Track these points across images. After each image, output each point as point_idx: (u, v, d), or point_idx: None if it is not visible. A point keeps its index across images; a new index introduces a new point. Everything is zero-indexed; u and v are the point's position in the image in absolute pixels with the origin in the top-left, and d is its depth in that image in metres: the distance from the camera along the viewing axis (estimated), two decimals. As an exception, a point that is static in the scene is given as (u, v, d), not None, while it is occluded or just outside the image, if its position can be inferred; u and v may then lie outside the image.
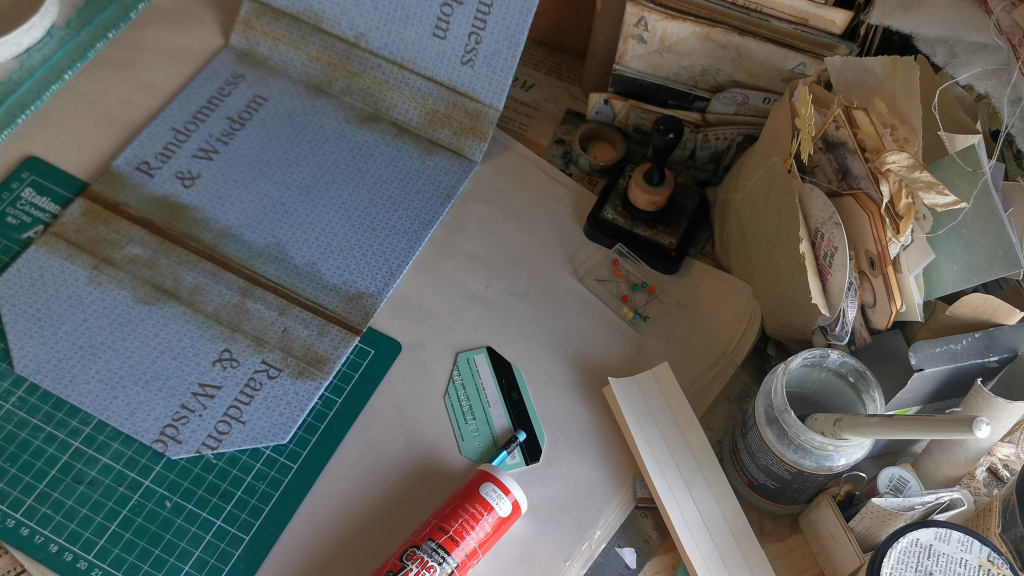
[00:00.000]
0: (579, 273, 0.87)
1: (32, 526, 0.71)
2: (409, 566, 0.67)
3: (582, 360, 0.82)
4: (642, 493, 0.76)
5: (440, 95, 0.92)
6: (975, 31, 0.70)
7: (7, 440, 0.74)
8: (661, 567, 0.74)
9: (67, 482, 0.73)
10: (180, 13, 0.98)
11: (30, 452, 0.74)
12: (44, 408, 0.75)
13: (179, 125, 0.91)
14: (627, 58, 0.87)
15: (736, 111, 0.88)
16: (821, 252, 0.73)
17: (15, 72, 0.92)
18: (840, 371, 0.72)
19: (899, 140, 0.68)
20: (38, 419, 0.75)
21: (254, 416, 0.77)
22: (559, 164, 0.94)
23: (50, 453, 0.74)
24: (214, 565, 0.71)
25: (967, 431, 0.58)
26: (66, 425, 0.75)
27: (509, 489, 0.71)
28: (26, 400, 0.76)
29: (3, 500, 0.72)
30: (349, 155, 0.91)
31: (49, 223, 0.84)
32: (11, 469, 0.73)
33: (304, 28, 0.94)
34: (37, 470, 0.73)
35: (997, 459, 0.78)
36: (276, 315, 0.81)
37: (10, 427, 0.74)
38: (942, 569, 0.64)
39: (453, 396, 0.80)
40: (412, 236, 0.87)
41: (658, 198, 0.86)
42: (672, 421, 0.77)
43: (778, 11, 0.81)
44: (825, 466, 0.69)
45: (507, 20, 0.87)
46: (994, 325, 0.71)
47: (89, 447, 0.74)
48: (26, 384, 0.76)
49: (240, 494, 0.74)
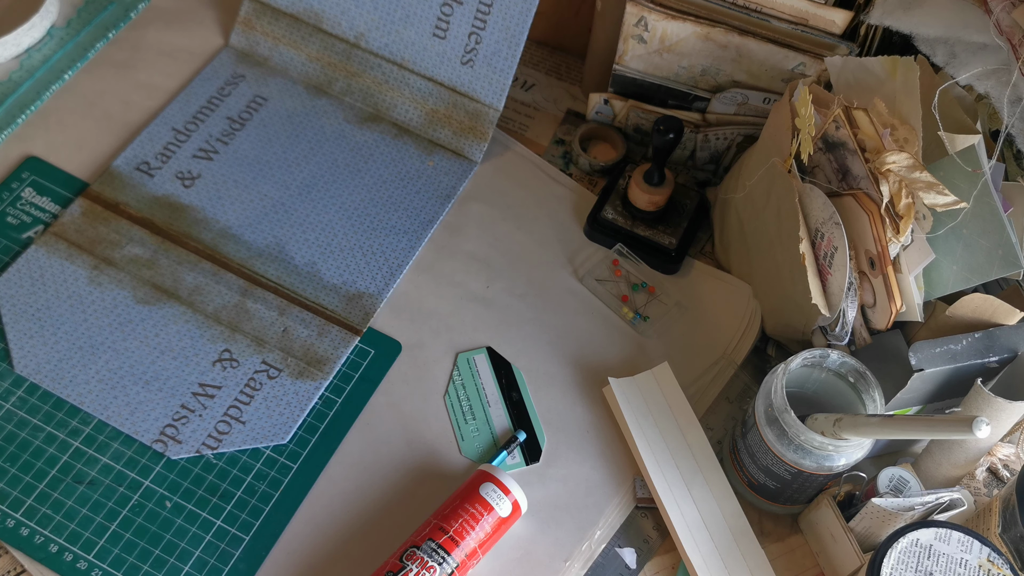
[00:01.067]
0: (579, 273, 0.87)
1: (32, 526, 0.71)
2: (409, 566, 0.67)
3: (582, 360, 0.82)
4: (642, 493, 0.76)
5: (440, 95, 0.92)
6: (975, 31, 0.70)
7: (7, 440, 0.74)
8: (661, 567, 0.74)
9: (67, 482, 0.73)
10: (180, 13, 0.98)
11: (30, 452, 0.74)
12: (44, 408, 0.75)
13: (179, 125, 0.91)
14: (627, 58, 0.87)
15: (736, 111, 0.88)
16: (821, 252, 0.73)
17: (15, 72, 0.92)
18: (840, 371, 0.72)
19: (899, 140, 0.68)
20: (38, 419, 0.75)
21: (254, 416, 0.77)
22: (559, 164, 0.94)
23: (50, 453, 0.74)
24: (214, 565, 0.71)
25: (967, 431, 0.58)
26: (66, 425, 0.75)
27: (509, 489, 0.71)
28: (26, 400, 0.76)
29: (3, 500, 0.72)
30: (349, 155, 0.91)
31: (49, 223, 0.84)
32: (11, 469, 0.73)
33: (304, 28, 0.94)
34: (37, 470, 0.73)
35: (997, 459, 0.78)
36: (276, 315, 0.81)
37: (10, 427, 0.74)
38: (942, 569, 0.64)
39: (453, 396, 0.80)
40: (412, 236, 0.87)
41: (658, 198, 0.86)
42: (672, 421, 0.77)
43: (778, 11, 0.81)
44: (825, 466, 0.69)
45: (507, 20, 0.87)
46: (994, 325, 0.71)
47: (89, 447, 0.74)
48: (26, 384, 0.76)
49: (240, 494, 0.74)
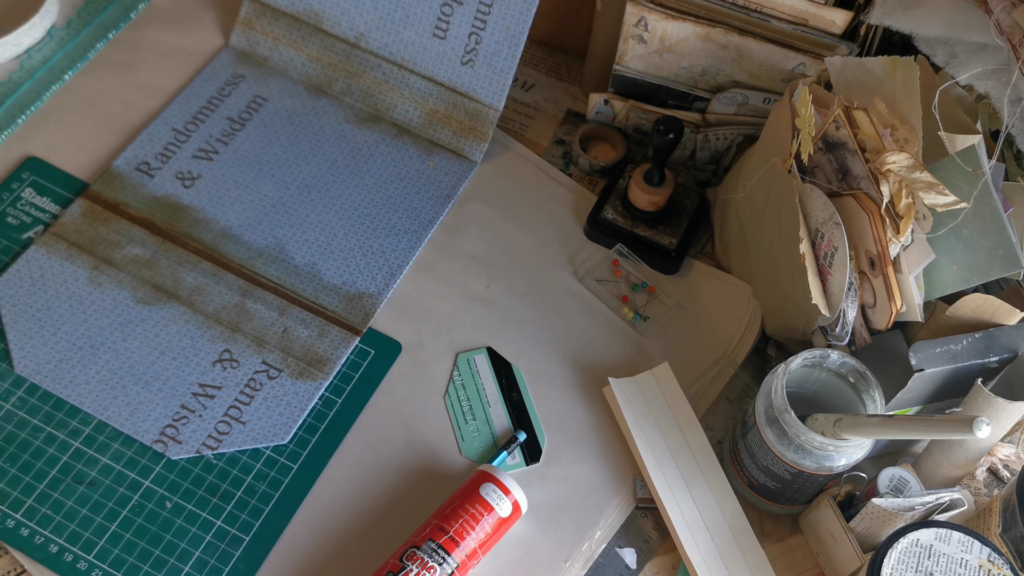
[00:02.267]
0: (579, 273, 0.87)
1: (32, 526, 0.71)
2: (409, 566, 0.67)
3: (582, 360, 0.82)
4: (642, 493, 0.76)
5: (440, 95, 0.92)
6: (975, 31, 0.70)
7: (7, 440, 0.74)
8: (661, 567, 0.74)
9: (67, 482, 0.73)
10: (180, 13, 0.98)
11: (30, 452, 0.74)
12: (44, 408, 0.75)
13: (179, 125, 0.91)
14: (627, 58, 0.87)
15: (736, 111, 0.88)
16: (821, 252, 0.73)
17: (15, 72, 0.92)
18: (840, 371, 0.72)
19: (899, 140, 0.68)
20: (38, 419, 0.75)
21: (254, 416, 0.77)
22: (559, 164, 0.94)
23: (50, 453, 0.74)
24: (214, 565, 0.71)
25: (967, 431, 0.58)
26: (66, 425, 0.75)
27: (509, 489, 0.71)
28: (26, 400, 0.76)
29: (3, 500, 0.72)
30: (349, 155, 0.91)
31: (49, 223, 0.84)
32: (11, 469, 0.73)
33: (304, 28, 0.94)
34: (37, 470, 0.73)
35: (997, 459, 0.78)
36: (276, 315, 0.81)
37: (10, 427, 0.74)
38: (942, 569, 0.64)
39: (453, 396, 0.80)
40: (412, 236, 0.87)
41: (658, 198, 0.86)
42: (672, 421, 0.77)
43: (778, 11, 0.81)
44: (825, 466, 0.69)
45: (507, 20, 0.87)
46: (994, 325, 0.71)
47: (89, 447, 0.74)
48: (26, 384, 0.76)
49: (240, 494, 0.74)
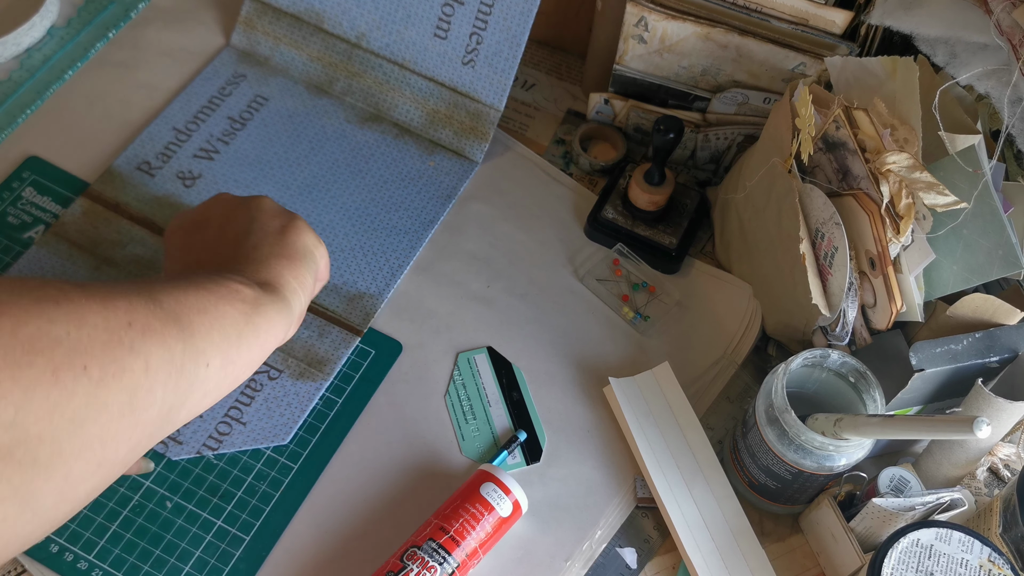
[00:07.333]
0: (579, 273, 0.87)
1: (33, 526, 0.71)
2: (410, 566, 0.68)
3: (582, 360, 0.82)
4: (643, 493, 0.76)
5: (441, 95, 0.92)
6: (975, 31, 0.70)
7: (8, 440, 0.74)
8: (662, 567, 0.74)
9: (68, 482, 0.73)
10: (180, 13, 0.98)
11: (31, 452, 0.74)
12: (45, 408, 0.75)
13: (180, 125, 0.91)
14: (627, 58, 0.87)
15: (736, 111, 0.88)
16: (821, 252, 0.73)
17: (15, 72, 0.92)
18: (840, 371, 0.72)
19: (899, 140, 0.68)
20: (39, 419, 0.75)
21: (255, 417, 0.77)
22: (559, 164, 0.94)
23: (51, 453, 0.74)
24: (214, 565, 0.71)
25: (968, 431, 0.58)
26: (67, 425, 0.75)
27: (510, 489, 0.71)
28: (27, 400, 0.76)
29: (4, 500, 0.72)
30: (350, 155, 0.91)
31: (50, 223, 0.84)
32: (12, 469, 0.73)
33: (305, 28, 0.94)
34: (38, 470, 0.73)
35: (998, 459, 0.78)
36: (277, 315, 0.81)
37: (11, 427, 0.74)
38: (943, 569, 0.64)
39: (454, 396, 0.80)
40: (413, 236, 0.87)
41: (658, 198, 0.86)
42: (673, 421, 0.77)
43: (778, 11, 0.81)
44: (826, 466, 0.69)
45: (508, 20, 0.87)
46: (995, 325, 0.71)
47: (90, 447, 0.74)
48: (27, 384, 0.76)
49: (240, 494, 0.74)
